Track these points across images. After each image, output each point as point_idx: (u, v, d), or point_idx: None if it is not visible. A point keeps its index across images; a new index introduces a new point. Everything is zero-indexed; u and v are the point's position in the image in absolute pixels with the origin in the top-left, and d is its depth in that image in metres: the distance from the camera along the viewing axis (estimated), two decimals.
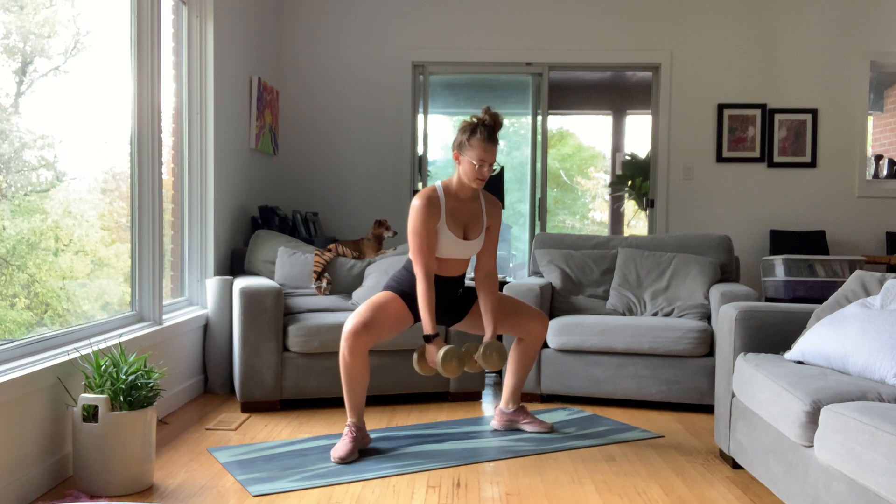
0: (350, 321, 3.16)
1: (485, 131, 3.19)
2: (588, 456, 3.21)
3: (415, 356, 3.28)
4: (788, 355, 2.79)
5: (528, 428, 3.55)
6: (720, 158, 5.85)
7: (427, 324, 3.16)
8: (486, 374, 4.82)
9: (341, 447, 3.11)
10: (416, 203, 3.21)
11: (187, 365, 4.04)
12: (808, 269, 4.84)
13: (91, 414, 2.65)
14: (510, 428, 3.58)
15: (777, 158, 5.85)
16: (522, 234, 8.19)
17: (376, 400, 4.12)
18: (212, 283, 4.22)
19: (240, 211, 4.85)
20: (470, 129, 3.20)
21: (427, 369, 3.27)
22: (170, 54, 4.13)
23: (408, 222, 3.24)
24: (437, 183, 3.31)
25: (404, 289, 3.29)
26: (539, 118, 6.01)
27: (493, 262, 3.41)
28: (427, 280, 3.16)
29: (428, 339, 3.18)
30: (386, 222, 4.59)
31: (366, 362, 3.18)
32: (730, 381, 3.05)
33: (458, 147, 3.22)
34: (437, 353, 3.13)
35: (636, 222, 10.32)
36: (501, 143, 3.24)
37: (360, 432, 3.19)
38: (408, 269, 3.34)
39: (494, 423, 3.59)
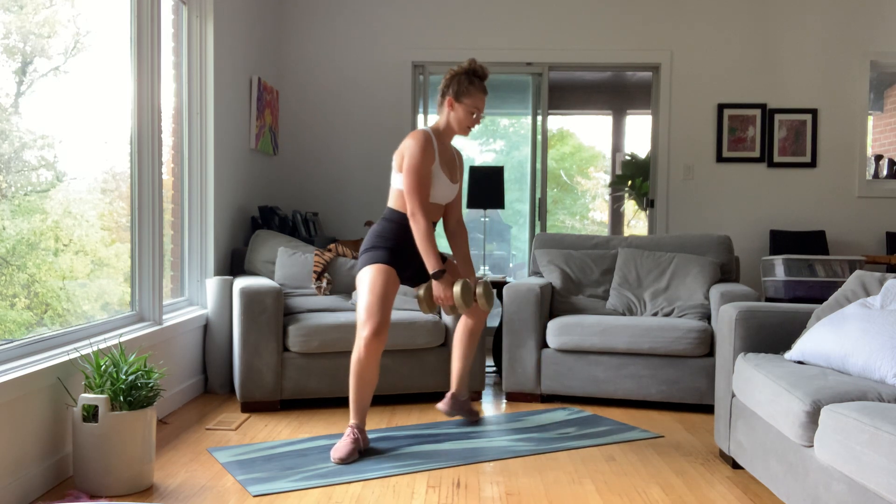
0: (367, 323, 3.08)
1: (479, 81, 3.21)
2: (588, 456, 3.21)
3: (420, 294, 3.25)
4: (788, 355, 2.79)
5: (471, 417, 3.68)
6: (720, 158, 5.85)
7: (434, 261, 3.13)
8: (487, 375, 4.82)
9: (342, 448, 3.10)
10: (417, 139, 3.15)
11: (187, 365, 4.04)
12: (808, 269, 4.84)
13: (91, 414, 2.65)
14: (458, 412, 3.64)
15: (777, 158, 5.85)
16: (522, 234, 8.19)
17: (376, 400, 4.12)
18: (212, 283, 4.22)
19: (240, 211, 4.85)
20: (467, 78, 3.20)
21: (432, 306, 3.27)
22: (170, 54, 4.13)
23: (405, 160, 3.17)
24: (427, 127, 3.29)
25: (392, 245, 3.22)
26: (539, 118, 6.01)
27: (460, 209, 3.49)
28: (425, 218, 3.12)
29: (437, 275, 3.14)
30: (372, 223, 4.57)
31: (378, 364, 3.17)
32: (730, 381, 3.05)
33: (456, 93, 3.20)
34: (454, 286, 3.14)
35: (636, 222, 10.32)
36: (501, 143, 3.25)
37: (361, 434, 3.19)
38: (390, 219, 3.26)
39: (442, 407, 3.60)
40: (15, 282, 2.91)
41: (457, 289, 3.15)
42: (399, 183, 3.23)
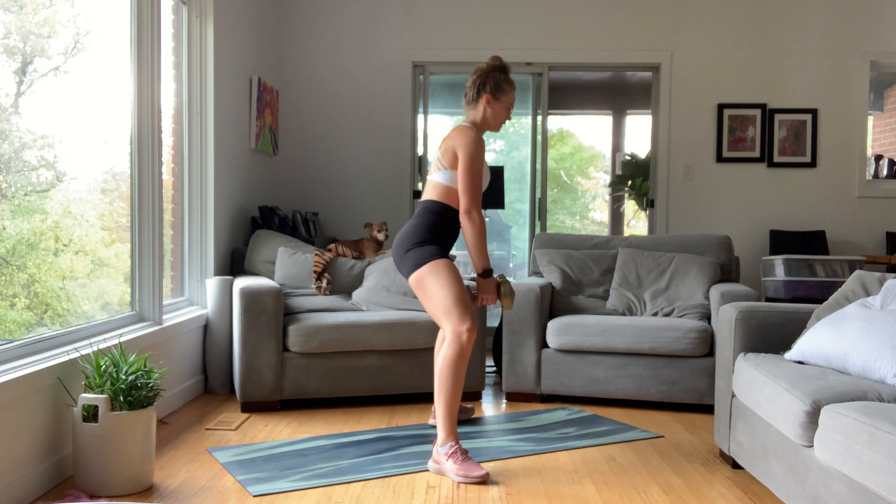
0: (466, 316, 2.95)
1: (509, 78, 3.24)
2: (588, 456, 3.21)
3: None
4: (788, 355, 2.79)
5: (461, 416, 3.72)
6: (720, 158, 5.85)
7: (486, 259, 3.09)
8: (487, 375, 4.82)
9: (474, 469, 2.87)
10: (470, 137, 3.08)
11: (187, 365, 4.04)
12: (808, 269, 4.84)
13: (91, 414, 2.65)
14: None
15: (777, 158, 5.85)
16: (522, 234, 8.19)
17: (376, 400, 4.12)
18: (212, 283, 4.22)
19: (240, 211, 4.85)
20: (501, 75, 3.20)
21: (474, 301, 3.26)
22: (170, 54, 4.13)
23: (461, 158, 3.07)
24: (468, 123, 3.21)
25: (440, 238, 3.14)
26: (539, 118, 6.01)
27: None
28: (481, 216, 3.06)
29: (486, 273, 3.11)
30: (373, 224, 4.54)
31: None
32: (730, 381, 3.05)
33: (494, 90, 3.18)
34: (504, 285, 3.15)
35: (636, 222, 10.32)
36: (501, 143, 3.25)
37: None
38: (434, 210, 3.15)
39: (433, 421, 3.59)
40: (15, 282, 2.91)
41: (505, 288, 3.17)
42: (445, 178, 3.14)
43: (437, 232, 3.12)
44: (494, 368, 4.97)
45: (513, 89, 3.25)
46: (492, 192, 5.22)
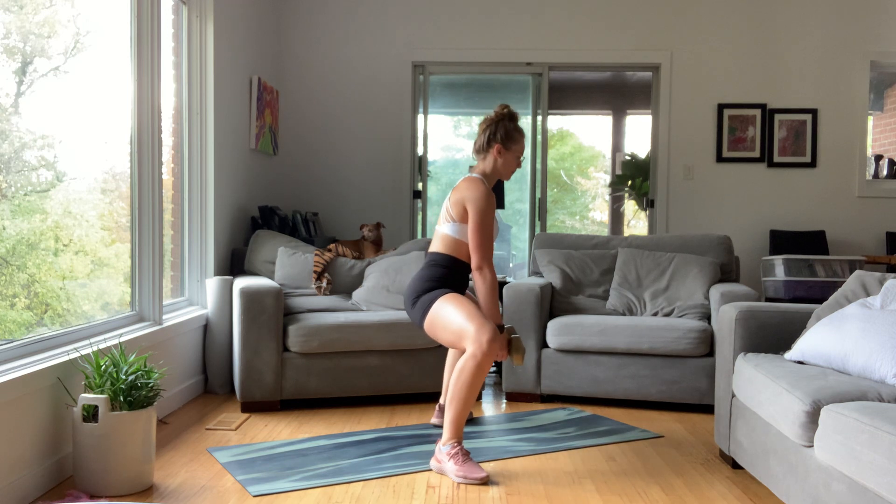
0: (485, 329, 2.90)
1: (519, 126, 3.19)
2: (588, 456, 3.21)
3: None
4: (788, 355, 2.79)
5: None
6: (720, 158, 5.85)
7: (498, 315, 3.06)
8: (487, 374, 4.82)
9: (475, 469, 2.87)
10: (481, 192, 3.06)
11: (187, 365, 4.04)
12: (808, 269, 4.84)
13: (91, 414, 2.65)
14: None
15: (777, 158, 5.85)
16: (522, 234, 8.19)
17: (376, 400, 4.12)
18: (212, 283, 4.22)
19: (240, 211, 4.85)
20: (511, 123, 3.16)
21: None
22: (170, 54, 4.13)
23: (472, 213, 3.07)
24: (477, 175, 3.18)
25: (451, 287, 3.13)
26: (539, 118, 6.01)
27: None
28: (493, 272, 3.04)
29: (499, 329, 3.04)
30: (367, 225, 4.56)
31: None
32: (730, 381, 3.05)
33: (505, 140, 3.15)
34: (514, 341, 3.06)
35: (636, 222, 10.33)
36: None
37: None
38: (440, 264, 3.15)
39: (437, 420, 3.58)
40: (15, 282, 2.91)
41: (516, 344, 3.07)
42: (454, 231, 3.13)
43: (442, 283, 3.13)
44: (494, 368, 4.97)
45: (522, 138, 3.20)
46: (493, 190, 5.21)
